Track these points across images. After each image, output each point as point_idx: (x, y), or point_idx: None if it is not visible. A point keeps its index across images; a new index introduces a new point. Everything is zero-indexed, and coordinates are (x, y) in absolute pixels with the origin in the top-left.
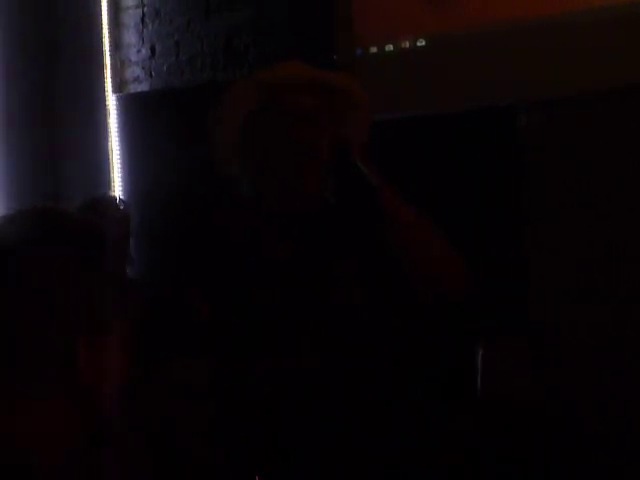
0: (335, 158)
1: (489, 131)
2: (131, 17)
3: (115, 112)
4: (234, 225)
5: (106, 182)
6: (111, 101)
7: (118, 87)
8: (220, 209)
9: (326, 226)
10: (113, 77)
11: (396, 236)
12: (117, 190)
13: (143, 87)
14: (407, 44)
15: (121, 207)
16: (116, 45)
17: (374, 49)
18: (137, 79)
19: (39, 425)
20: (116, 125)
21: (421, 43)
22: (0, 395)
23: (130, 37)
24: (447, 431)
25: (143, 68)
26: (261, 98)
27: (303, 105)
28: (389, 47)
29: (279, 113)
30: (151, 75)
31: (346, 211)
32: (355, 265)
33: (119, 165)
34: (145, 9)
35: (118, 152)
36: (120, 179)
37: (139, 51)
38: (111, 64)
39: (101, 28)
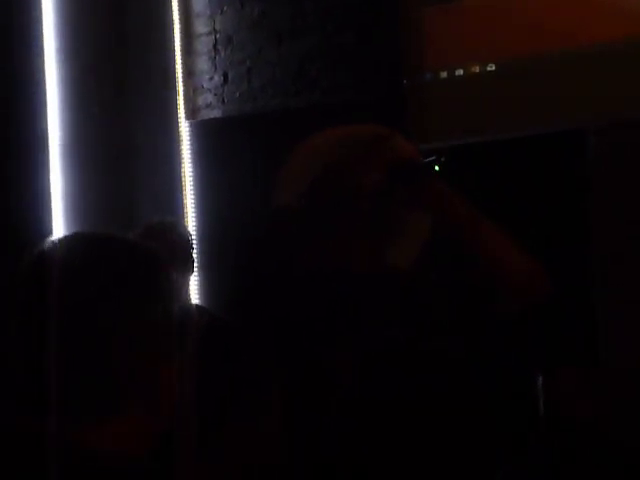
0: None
1: (559, 154)
2: (203, 44)
3: (188, 138)
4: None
5: (178, 208)
6: (184, 127)
7: (191, 114)
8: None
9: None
10: (186, 103)
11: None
12: (189, 216)
13: (215, 114)
14: (477, 69)
15: (182, 233)
16: (189, 72)
17: (444, 74)
18: (209, 105)
19: (118, 436)
20: (189, 151)
21: (491, 68)
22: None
23: (202, 64)
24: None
25: (215, 95)
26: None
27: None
28: (459, 72)
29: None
30: (223, 102)
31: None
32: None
33: (191, 191)
34: (217, 36)
35: (190, 178)
36: (192, 205)
37: (211, 78)
38: (184, 91)
39: (174, 55)
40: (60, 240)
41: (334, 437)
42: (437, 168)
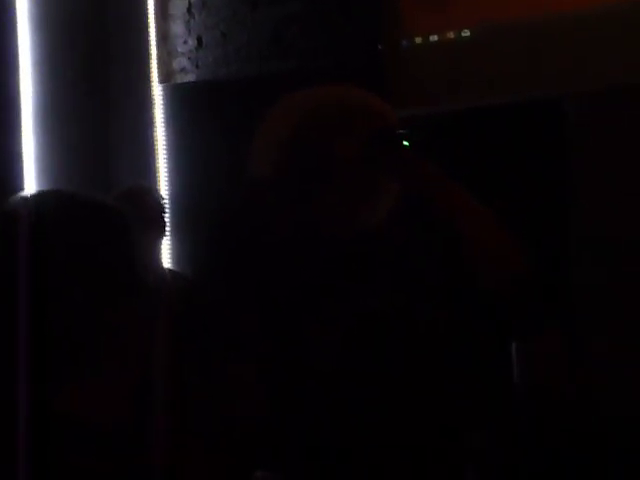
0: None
1: (536, 123)
2: (177, 7)
3: (161, 102)
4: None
5: (151, 171)
6: (157, 91)
7: (165, 78)
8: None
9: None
10: (160, 68)
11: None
12: (162, 180)
13: (190, 78)
14: (452, 34)
15: (156, 197)
16: (163, 36)
17: (419, 39)
18: (184, 70)
19: (97, 397)
20: (162, 116)
21: (466, 33)
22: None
23: (177, 28)
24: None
25: (189, 59)
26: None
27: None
28: (434, 38)
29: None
30: (197, 66)
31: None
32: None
33: (164, 155)
34: None
35: (163, 142)
36: (165, 169)
37: (185, 42)
38: (158, 54)
39: (148, 18)
40: (29, 196)
41: (313, 405)
42: (407, 144)
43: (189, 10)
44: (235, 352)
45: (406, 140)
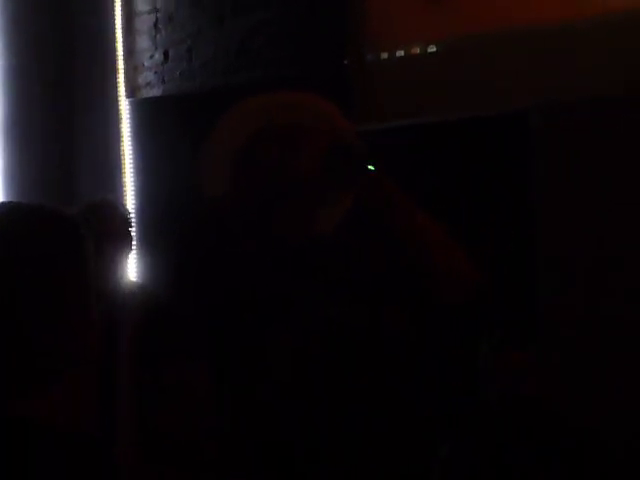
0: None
1: (502, 136)
2: (144, 22)
3: (128, 117)
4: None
5: (118, 186)
6: (124, 106)
7: (131, 92)
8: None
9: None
10: (126, 82)
11: (409, 235)
12: (128, 194)
13: (156, 92)
14: (418, 50)
15: (122, 211)
16: (129, 50)
17: (385, 55)
18: (150, 84)
19: (59, 404)
20: (128, 130)
21: (432, 49)
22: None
23: (143, 42)
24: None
25: (156, 73)
26: (257, 129)
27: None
28: (400, 53)
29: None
30: (164, 80)
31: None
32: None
33: (131, 169)
34: (158, 14)
35: (130, 156)
36: (131, 183)
37: (152, 56)
38: (124, 69)
39: (114, 33)
40: None
41: (274, 413)
42: (372, 167)
43: (155, 25)
44: (199, 361)
45: (371, 163)
